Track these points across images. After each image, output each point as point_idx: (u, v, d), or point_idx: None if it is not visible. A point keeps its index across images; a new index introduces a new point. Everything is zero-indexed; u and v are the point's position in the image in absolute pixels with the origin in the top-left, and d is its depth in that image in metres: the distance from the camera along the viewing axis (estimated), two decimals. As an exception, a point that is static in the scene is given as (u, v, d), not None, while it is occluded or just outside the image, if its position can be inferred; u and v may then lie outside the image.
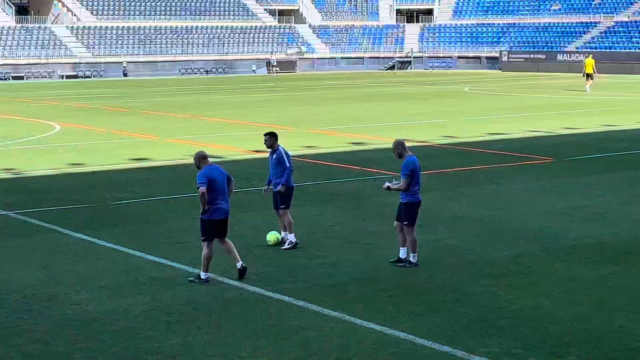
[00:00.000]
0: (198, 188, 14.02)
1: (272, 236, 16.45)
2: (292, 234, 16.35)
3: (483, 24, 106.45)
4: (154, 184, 23.73)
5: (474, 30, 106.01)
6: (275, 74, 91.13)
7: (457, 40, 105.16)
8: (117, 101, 55.86)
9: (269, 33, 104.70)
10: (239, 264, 14.25)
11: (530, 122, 39.30)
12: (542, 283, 13.86)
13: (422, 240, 16.80)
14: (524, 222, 18.47)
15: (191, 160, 14.93)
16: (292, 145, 31.57)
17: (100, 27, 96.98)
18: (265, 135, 16.48)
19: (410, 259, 15.01)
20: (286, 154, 16.36)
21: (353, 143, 31.52)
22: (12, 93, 65.52)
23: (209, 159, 14.54)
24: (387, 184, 15.28)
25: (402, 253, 15.09)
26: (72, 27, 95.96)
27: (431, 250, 16.06)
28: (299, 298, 13.10)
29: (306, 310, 12.58)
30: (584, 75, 61.02)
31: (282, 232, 16.58)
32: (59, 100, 57.30)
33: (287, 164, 16.24)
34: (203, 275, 14.07)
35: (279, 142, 16.55)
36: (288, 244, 16.30)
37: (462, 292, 13.41)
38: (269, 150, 16.47)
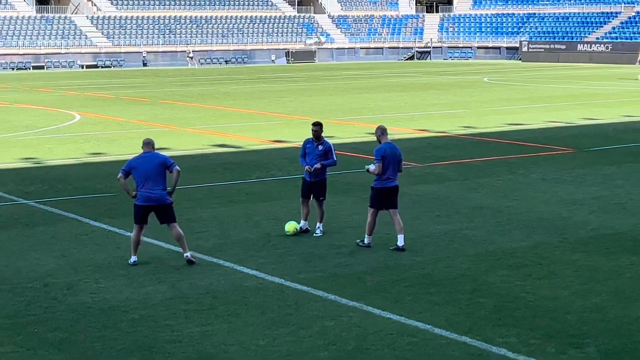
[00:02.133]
0: None
1: (290, 226, 16.48)
2: (322, 223, 16.60)
3: (503, 14, 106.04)
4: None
5: (493, 20, 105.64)
6: (194, 65, 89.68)
7: (477, 30, 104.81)
8: (136, 91, 56.01)
9: (288, 23, 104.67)
10: (185, 255, 14.46)
11: (549, 113, 39.17)
12: (561, 273, 13.84)
13: (440, 230, 16.82)
14: (543, 212, 18.43)
15: (210, 150, 14.98)
16: (310, 135, 31.58)
17: (120, 16, 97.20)
18: (313, 125, 16.67)
19: (365, 241, 15.55)
20: (333, 148, 16.67)
21: (371, 133, 31.43)
22: (32, 83, 65.79)
23: (153, 147, 14.77)
24: (367, 166, 15.61)
25: (376, 240, 15.55)
26: (92, 17, 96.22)
27: (449, 240, 16.06)
28: (317, 287, 13.14)
29: (324, 299, 12.61)
30: (638, 63, 61.03)
31: (302, 222, 16.65)
32: (79, 89, 57.51)
33: (334, 158, 16.59)
34: (131, 260, 14.49)
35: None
36: (320, 232, 16.50)
37: (480, 282, 13.40)
38: (315, 139, 16.53)
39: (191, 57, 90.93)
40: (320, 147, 16.47)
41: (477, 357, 10.32)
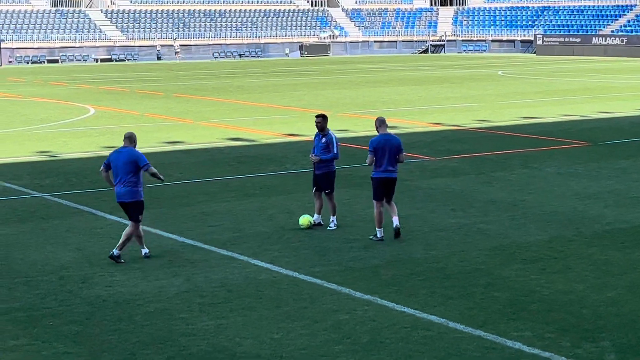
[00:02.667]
0: None
1: (304, 219, 16.49)
2: (335, 216, 16.59)
3: (517, 7, 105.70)
4: (187, 167, 23.83)
5: (508, 13, 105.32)
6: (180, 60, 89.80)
7: (491, 23, 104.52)
8: (150, 84, 56.09)
9: (302, 16, 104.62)
10: (114, 250, 14.37)
11: (564, 106, 39.05)
12: (576, 267, 13.81)
13: (455, 223, 16.80)
14: (558, 206, 18.38)
15: (224, 144, 15.00)
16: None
17: (135, 10, 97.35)
18: (317, 117, 16.68)
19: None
20: (336, 140, 16.59)
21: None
22: (47, 76, 65.98)
23: (132, 142, 14.68)
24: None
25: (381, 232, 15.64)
26: (107, 11, 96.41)
27: (464, 234, 16.04)
28: (331, 281, 13.14)
29: (339, 293, 12.61)
30: None
31: (315, 215, 16.64)
32: (93, 83, 57.64)
33: (335, 151, 16.47)
34: (115, 252, 14.34)
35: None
36: (334, 225, 16.49)
37: (494, 276, 13.38)
38: (319, 131, 16.54)
39: (177, 52, 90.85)
40: (323, 140, 16.48)
41: (492, 351, 10.31)
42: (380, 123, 15.77)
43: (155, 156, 25.82)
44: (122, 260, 14.28)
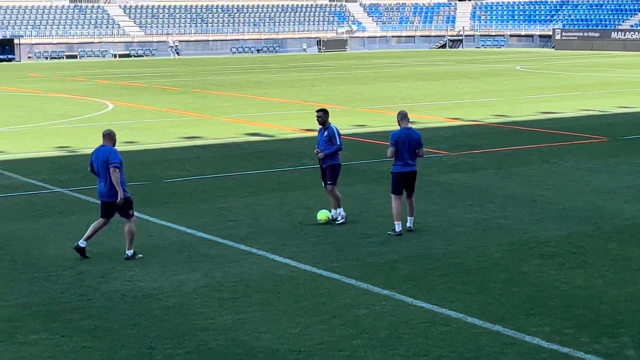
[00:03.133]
0: None
1: (322, 215, 16.49)
2: (341, 208, 16.56)
3: (536, 1, 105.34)
4: (205, 162, 23.88)
5: (526, 8, 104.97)
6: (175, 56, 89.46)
7: (510, 18, 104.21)
8: (169, 80, 56.21)
9: (319, 12, 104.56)
10: (128, 252, 14.32)
11: (583, 101, 38.89)
12: (595, 263, 13.76)
13: (473, 219, 16.77)
14: (577, 201, 18.32)
15: (242, 139, 15.00)
16: (342, 123, 31.54)
17: (153, 6, 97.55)
18: (317, 111, 16.68)
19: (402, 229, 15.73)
20: (338, 132, 16.47)
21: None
22: (66, 72, 66.21)
23: (111, 140, 14.60)
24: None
25: (400, 225, 15.65)
26: (125, 6, 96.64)
27: (482, 229, 16.01)
28: (349, 276, 13.14)
29: (357, 288, 12.61)
30: None
31: (333, 210, 16.64)
32: (111, 79, 57.81)
33: (338, 142, 16.38)
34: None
35: (330, 119, 16.64)
36: (341, 219, 16.47)
37: (513, 271, 13.35)
38: (320, 126, 16.56)
39: (172, 47, 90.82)
40: (325, 133, 16.49)
41: (510, 346, 10.29)
42: (402, 117, 15.82)
43: (173, 151, 25.93)
44: (140, 255, 14.31)
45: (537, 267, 13.57)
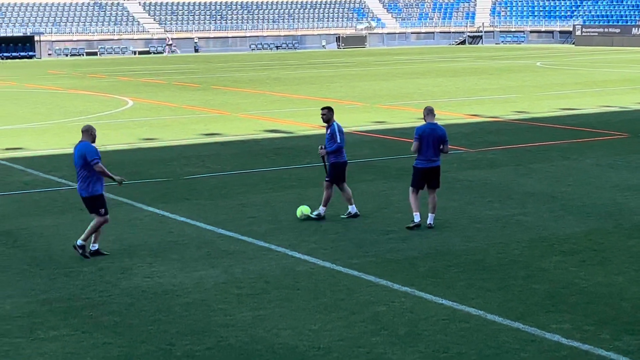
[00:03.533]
0: None
1: (300, 210, 16.59)
2: (353, 205, 16.67)
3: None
4: (225, 159, 23.92)
5: (546, 4, 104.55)
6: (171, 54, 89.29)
7: (529, 14, 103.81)
8: (188, 77, 56.33)
9: (339, 8, 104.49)
10: (92, 246, 14.34)
11: (603, 97, 38.72)
12: (615, 260, 13.70)
13: (493, 215, 16.73)
14: (597, 198, 18.24)
15: (261, 135, 15.02)
16: (361, 120, 31.59)
17: (172, 3, 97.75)
18: (322, 109, 16.70)
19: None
20: (340, 130, 16.50)
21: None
22: (86, 69, 66.47)
23: (89, 136, 14.47)
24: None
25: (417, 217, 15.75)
26: (145, 3, 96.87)
27: (502, 226, 15.96)
28: (368, 273, 13.14)
29: (376, 285, 12.61)
30: None
31: (349, 207, 16.69)
32: (131, 75, 57.98)
33: (338, 140, 16.43)
34: (79, 242, 14.32)
35: (335, 116, 16.71)
36: (346, 214, 16.63)
37: (533, 268, 13.31)
38: (325, 123, 16.61)
39: (169, 45, 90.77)
40: (328, 131, 16.55)
41: (530, 343, 10.26)
42: (428, 112, 15.89)
43: (193, 148, 25.98)
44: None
45: (557, 263, 13.53)
